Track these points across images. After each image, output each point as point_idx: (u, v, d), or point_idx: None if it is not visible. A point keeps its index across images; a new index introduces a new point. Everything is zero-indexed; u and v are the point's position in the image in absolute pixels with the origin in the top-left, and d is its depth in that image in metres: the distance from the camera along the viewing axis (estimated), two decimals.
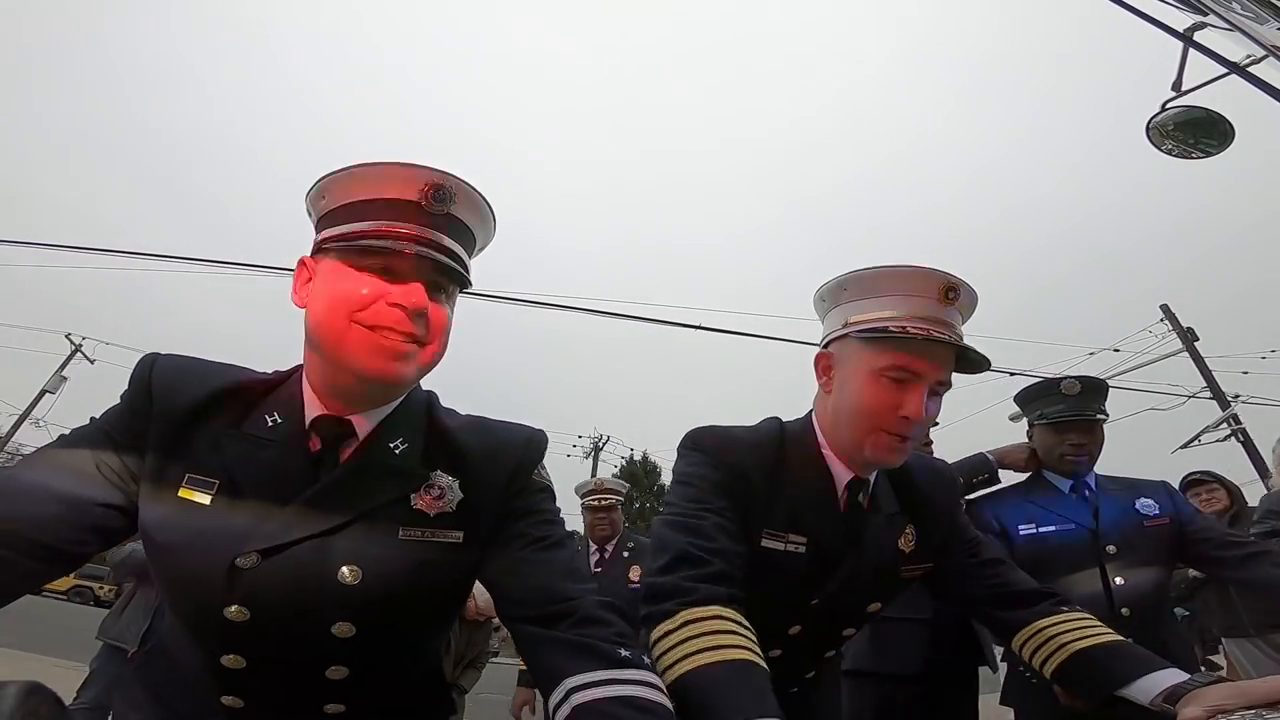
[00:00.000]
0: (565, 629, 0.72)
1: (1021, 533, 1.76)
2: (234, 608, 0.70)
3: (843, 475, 1.05)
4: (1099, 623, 1.02)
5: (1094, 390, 1.86)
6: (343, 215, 0.77)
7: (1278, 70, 1.53)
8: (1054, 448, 1.83)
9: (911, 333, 0.95)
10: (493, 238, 0.88)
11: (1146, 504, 1.77)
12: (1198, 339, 10.36)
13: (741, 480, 1.00)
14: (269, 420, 0.77)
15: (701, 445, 1.04)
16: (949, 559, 1.13)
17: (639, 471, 26.40)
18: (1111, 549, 1.69)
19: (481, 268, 0.91)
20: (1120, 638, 0.98)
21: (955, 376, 1.01)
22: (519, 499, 0.82)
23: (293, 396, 0.79)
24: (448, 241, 0.78)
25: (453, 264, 0.76)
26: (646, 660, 0.72)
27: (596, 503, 3.26)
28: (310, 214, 0.82)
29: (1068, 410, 1.81)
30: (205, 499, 0.72)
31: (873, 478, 1.07)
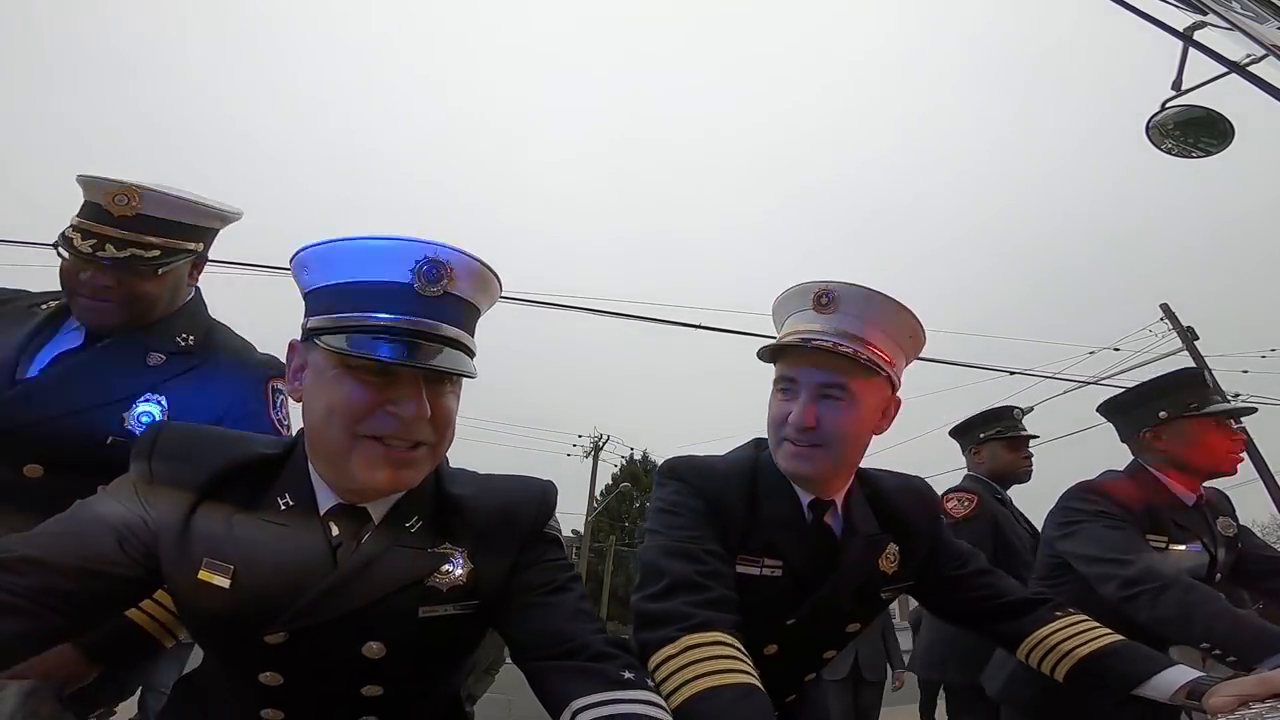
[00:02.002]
0: (574, 661, 0.74)
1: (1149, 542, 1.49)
2: (268, 674, 0.73)
3: (804, 496, 1.06)
4: (1096, 623, 1.03)
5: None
6: (327, 300, 0.73)
7: (1278, 69, 1.53)
8: (1218, 444, 1.55)
9: (779, 342, 1.03)
10: (496, 299, 0.83)
11: (1228, 524, 1.60)
12: (1198, 338, 10.36)
13: (720, 509, 1.02)
14: (281, 503, 0.77)
15: (680, 475, 1.06)
16: (934, 572, 1.14)
17: (639, 471, 26.39)
18: (1219, 577, 1.53)
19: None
20: (1120, 637, 1.00)
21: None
22: (530, 552, 0.84)
23: (302, 478, 0.78)
24: (447, 329, 0.73)
25: (453, 368, 0.72)
26: (650, 682, 0.74)
27: (90, 251, 1.09)
28: (296, 282, 0.79)
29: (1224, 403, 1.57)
30: (224, 582, 0.72)
31: (839, 499, 1.08)
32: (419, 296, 0.71)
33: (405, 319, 0.70)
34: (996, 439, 2.46)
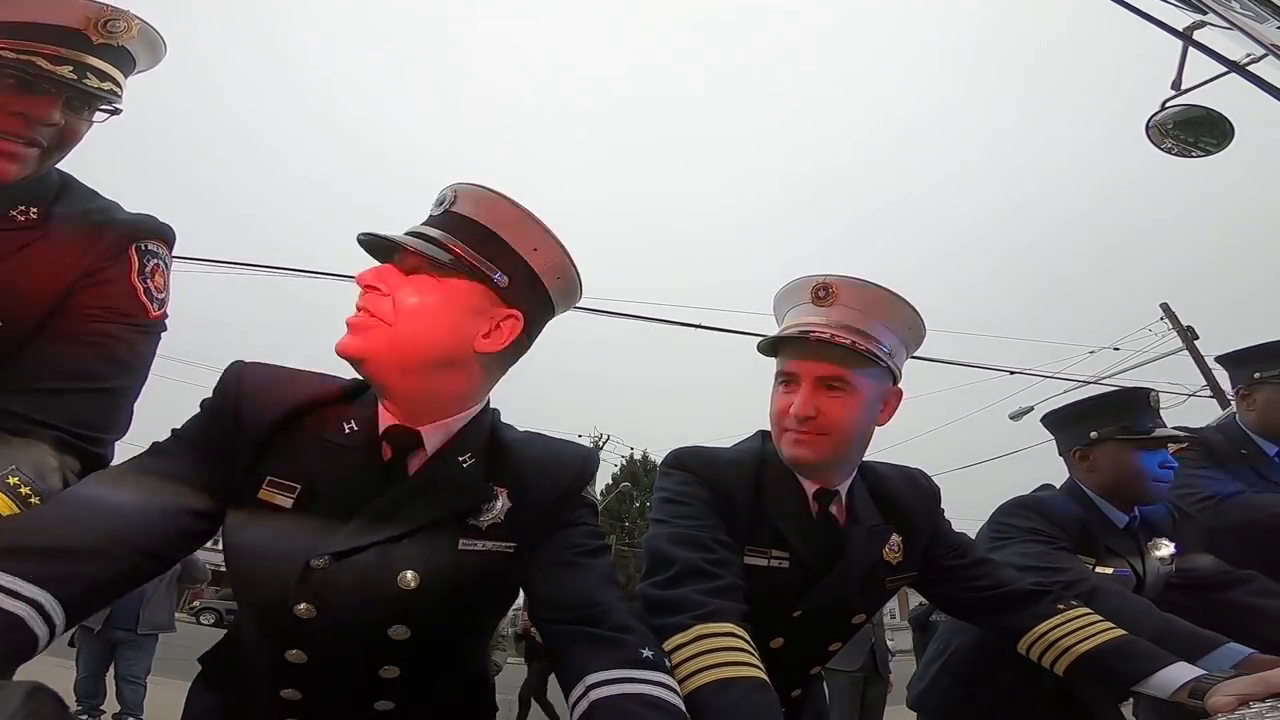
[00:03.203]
0: (594, 630, 0.74)
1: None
2: (303, 605, 0.74)
3: (809, 486, 1.06)
4: (1099, 617, 1.03)
5: None
6: None
7: (1277, 69, 1.53)
8: (1146, 472, 1.48)
9: (777, 335, 1.05)
10: (537, 235, 0.85)
11: (1162, 544, 1.56)
12: (1197, 337, 10.34)
13: (727, 499, 1.02)
14: (346, 428, 0.80)
15: (686, 465, 1.06)
16: (933, 562, 1.15)
17: (639, 471, 26.39)
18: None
19: None
20: (1122, 633, 1.00)
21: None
22: (567, 512, 0.85)
23: (370, 405, 0.83)
24: (434, 231, 0.82)
25: (393, 236, 0.80)
26: (667, 664, 0.74)
27: None
28: None
29: None
30: (286, 502, 0.75)
31: (844, 489, 1.08)
32: (430, 215, 0.84)
33: (419, 226, 0.84)
34: (1267, 382, 1.83)
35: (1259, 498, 1.60)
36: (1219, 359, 2.02)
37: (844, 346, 0.98)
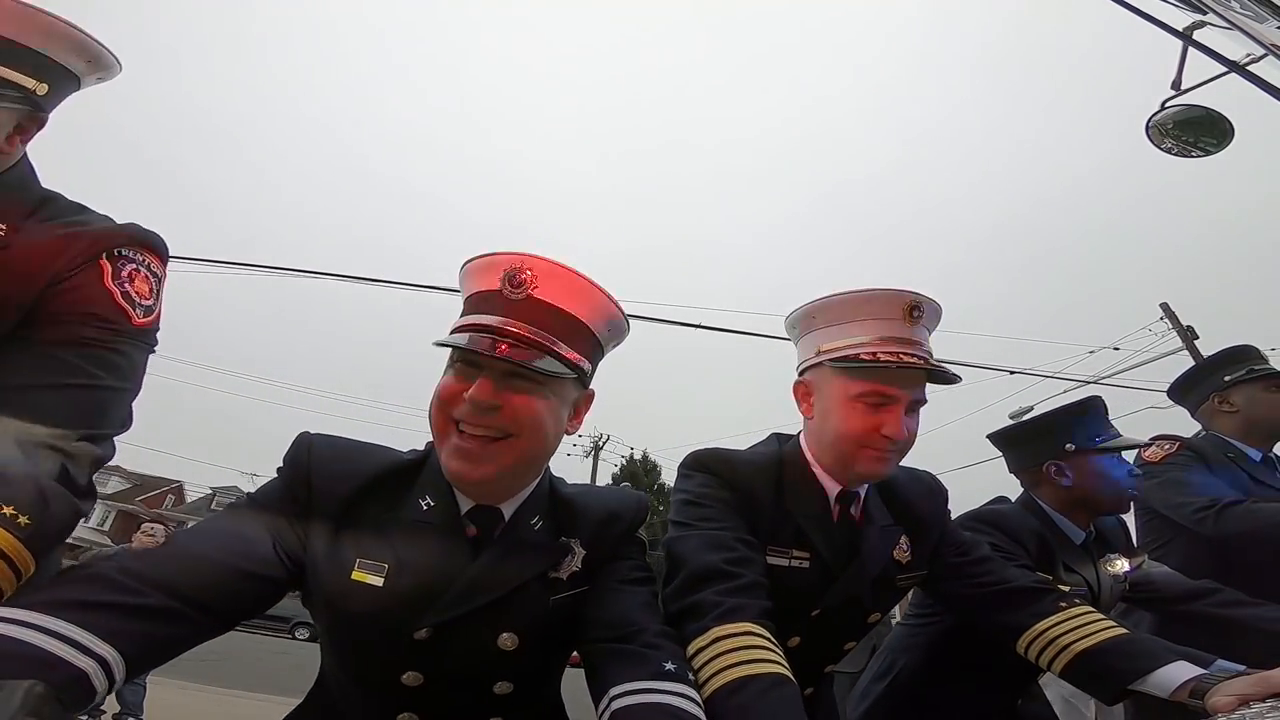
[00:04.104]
0: (625, 646, 0.78)
1: None
2: (410, 674, 0.80)
3: (832, 489, 1.09)
4: (1100, 616, 1.03)
5: None
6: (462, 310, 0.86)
7: (1277, 69, 1.53)
8: (1122, 480, 1.49)
9: (883, 360, 0.99)
10: (612, 315, 0.88)
11: (1114, 560, 1.56)
12: (1198, 337, 10.35)
13: (749, 501, 1.04)
14: (423, 504, 0.84)
15: (707, 467, 1.07)
16: (939, 560, 1.17)
17: (639, 471, 26.36)
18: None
19: None
20: (1122, 630, 0.99)
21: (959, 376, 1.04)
22: (625, 548, 0.93)
23: (441, 480, 0.85)
24: (528, 330, 0.79)
25: (516, 358, 0.76)
26: (690, 676, 0.77)
27: None
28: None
29: None
30: (378, 580, 0.78)
31: (862, 491, 1.11)
32: (507, 300, 0.80)
33: (496, 319, 0.79)
34: (1241, 381, 1.88)
35: (1260, 506, 1.59)
36: (1169, 393, 2.06)
37: (946, 377, 1.03)
